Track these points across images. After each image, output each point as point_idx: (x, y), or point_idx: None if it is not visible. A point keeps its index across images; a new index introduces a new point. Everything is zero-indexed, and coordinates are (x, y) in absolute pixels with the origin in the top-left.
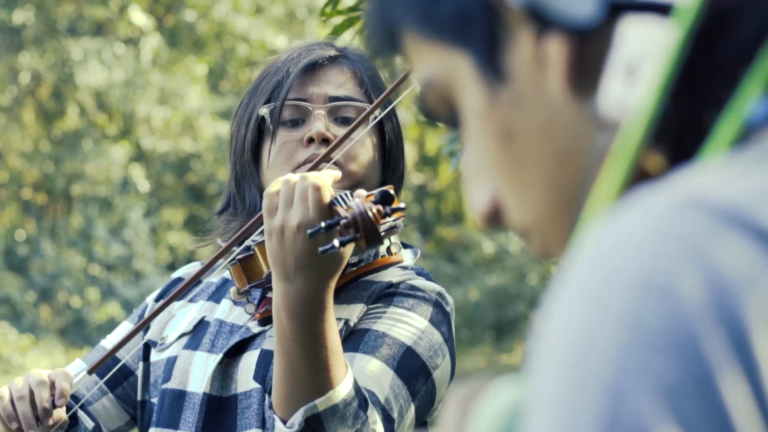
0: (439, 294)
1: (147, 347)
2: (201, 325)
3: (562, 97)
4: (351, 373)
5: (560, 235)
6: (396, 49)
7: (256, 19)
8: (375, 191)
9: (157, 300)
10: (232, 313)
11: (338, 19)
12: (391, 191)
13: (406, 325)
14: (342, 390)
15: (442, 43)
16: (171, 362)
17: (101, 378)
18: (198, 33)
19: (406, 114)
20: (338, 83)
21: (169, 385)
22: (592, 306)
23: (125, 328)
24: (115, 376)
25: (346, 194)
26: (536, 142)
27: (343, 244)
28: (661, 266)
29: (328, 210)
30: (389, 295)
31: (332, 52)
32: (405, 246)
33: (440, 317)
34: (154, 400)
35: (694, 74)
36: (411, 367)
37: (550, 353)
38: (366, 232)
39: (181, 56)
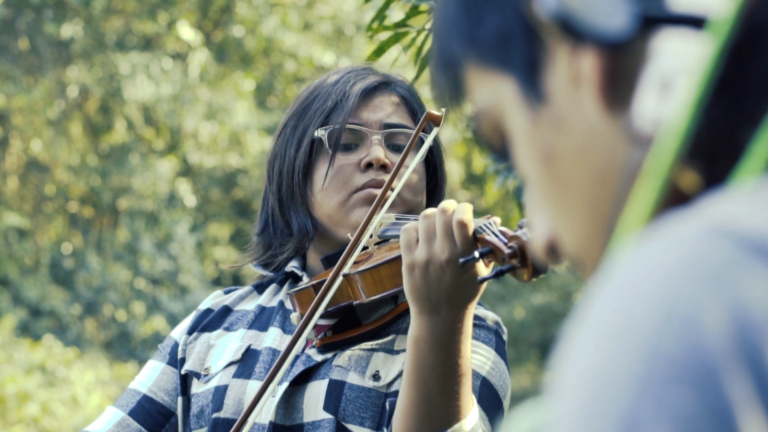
0: (497, 323)
1: (185, 380)
2: (249, 354)
3: (597, 115)
4: (476, 402)
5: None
6: (459, 83)
7: (304, 35)
8: (520, 223)
9: (189, 333)
10: (283, 342)
11: (384, 35)
12: None
13: (478, 355)
14: (471, 420)
15: (490, 69)
16: (221, 391)
17: (146, 428)
18: (246, 49)
19: (453, 132)
20: (390, 110)
21: (221, 415)
22: (613, 334)
23: (153, 366)
24: (157, 420)
25: (489, 223)
26: (575, 162)
27: (503, 273)
28: (685, 297)
29: (474, 241)
30: None
31: (381, 79)
32: None
33: (501, 346)
34: None
35: (729, 89)
36: (488, 398)
37: (570, 380)
38: (535, 262)
39: (229, 72)
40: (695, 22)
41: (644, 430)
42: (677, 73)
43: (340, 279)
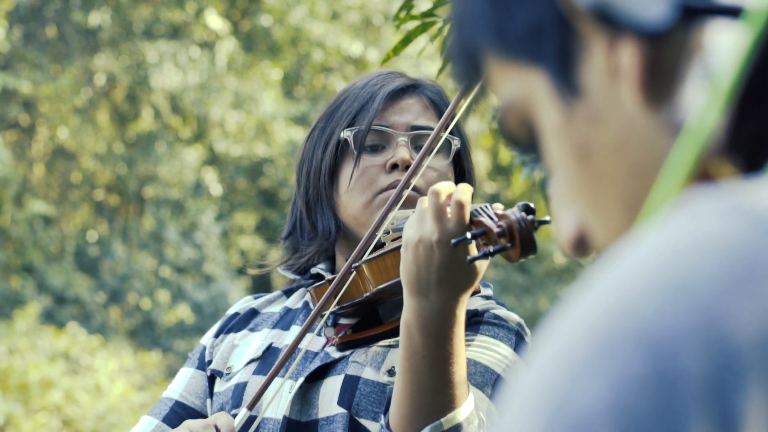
0: (519, 325)
1: (211, 380)
2: (270, 351)
3: (636, 109)
4: (472, 392)
5: None
6: (479, 75)
7: (332, 25)
8: (517, 204)
9: (216, 336)
10: (304, 340)
11: (411, 25)
12: (532, 204)
13: (495, 353)
14: (466, 409)
15: (519, 62)
16: (240, 388)
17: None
18: (274, 38)
19: (480, 123)
20: (418, 112)
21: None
22: (603, 291)
23: (184, 373)
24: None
25: (486, 206)
26: (612, 158)
27: (492, 253)
28: (680, 266)
29: (469, 224)
30: (475, 323)
31: (409, 82)
32: None
33: (522, 348)
34: None
35: None
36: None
37: (553, 331)
38: (523, 241)
39: (256, 61)
40: (735, 13)
41: (587, 381)
42: (718, 65)
43: (352, 274)
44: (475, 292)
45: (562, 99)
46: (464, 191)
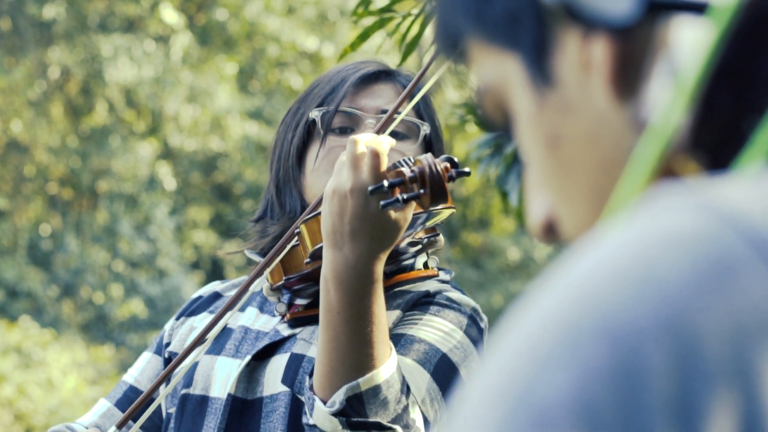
0: (474, 310)
1: (168, 362)
2: (223, 332)
3: (607, 103)
4: (395, 355)
5: None
6: (460, 57)
7: (288, 19)
8: (440, 157)
9: (177, 318)
10: (258, 320)
11: (369, 20)
12: (456, 159)
13: (442, 333)
14: (386, 370)
15: (496, 47)
16: (192, 368)
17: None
18: (229, 32)
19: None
20: (389, 98)
21: (191, 391)
22: (568, 283)
23: (143, 357)
24: (141, 408)
25: (408, 158)
26: (581, 149)
27: (407, 200)
28: (644, 258)
29: (385, 174)
30: (426, 303)
31: (383, 68)
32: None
33: (474, 332)
34: (172, 411)
35: (736, 79)
36: (446, 373)
37: (516, 321)
38: (432, 186)
39: (212, 55)
40: (700, 8)
41: (551, 373)
42: (684, 61)
43: (294, 238)
44: (432, 276)
45: (535, 87)
46: (382, 142)
